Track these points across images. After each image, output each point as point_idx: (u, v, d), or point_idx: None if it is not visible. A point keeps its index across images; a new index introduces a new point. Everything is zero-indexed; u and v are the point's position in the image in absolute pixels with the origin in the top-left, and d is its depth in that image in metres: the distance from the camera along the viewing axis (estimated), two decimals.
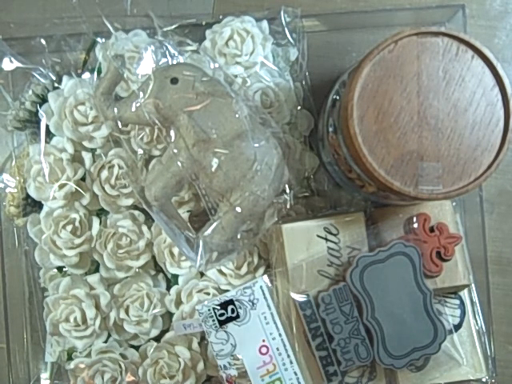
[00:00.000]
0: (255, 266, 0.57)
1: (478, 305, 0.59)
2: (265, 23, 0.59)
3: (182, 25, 0.58)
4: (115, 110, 0.50)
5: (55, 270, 0.59)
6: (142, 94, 0.49)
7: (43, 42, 0.59)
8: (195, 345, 0.58)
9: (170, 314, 0.58)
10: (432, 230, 0.54)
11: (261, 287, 0.55)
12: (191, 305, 0.56)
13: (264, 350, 0.55)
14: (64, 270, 0.58)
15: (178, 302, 0.58)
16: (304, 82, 0.60)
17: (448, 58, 0.47)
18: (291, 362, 0.54)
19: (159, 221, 0.52)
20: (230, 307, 0.55)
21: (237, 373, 0.55)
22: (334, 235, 0.54)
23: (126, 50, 0.56)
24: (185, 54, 0.54)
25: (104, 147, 0.57)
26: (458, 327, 0.57)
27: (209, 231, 0.51)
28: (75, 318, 0.56)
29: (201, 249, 0.51)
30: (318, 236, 0.54)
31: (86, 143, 0.57)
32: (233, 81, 0.55)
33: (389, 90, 0.47)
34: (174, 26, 0.58)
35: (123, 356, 0.58)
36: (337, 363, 0.53)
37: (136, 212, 0.58)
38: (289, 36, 0.59)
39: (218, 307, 0.54)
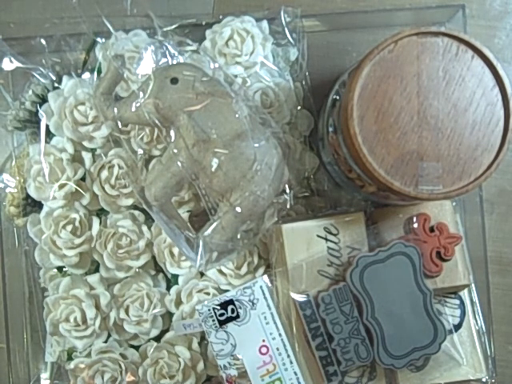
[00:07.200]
0: (255, 266, 0.57)
1: (478, 305, 0.59)
2: (265, 23, 0.59)
3: (182, 25, 0.58)
4: (115, 110, 0.50)
5: (55, 270, 0.59)
6: (141, 94, 0.49)
7: (43, 42, 0.59)
8: (195, 345, 0.58)
9: (170, 314, 0.58)
10: (432, 229, 0.54)
11: (261, 287, 0.55)
12: (191, 305, 0.56)
13: (264, 350, 0.55)
14: (64, 269, 0.58)
15: (178, 302, 0.58)
16: (304, 82, 0.60)
17: (448, 57, 0.47)
18: (291, 362, 0.54)
19: (159, 221, 0.52)
20: (230, 307, 0.55)
21: (237, 373, 0.55)
22: (334, 235, 0.54)
23: (126, 50, 0.56)
24: (185, 54, 0.54)
25: (104, 147, 0.57)
26: (458, 327, 0.57)
27: (209, 231, 0.51)
28: (75, 318, 0.56)
29: (201, 249, 0.51)
30: (318, 236, 0.54)
31: (85, 143, 0.57)
32: (233, 81, 0.55)
33: (389, 89, 0.47)
34: (174, 26, 0.58)
35: (123, 356, 0.58)
36: (337, 363, 0.53)
37: (136, 212, 0.58)
38: (289, 36, 0.59)
39: (218, 307, 0.54)
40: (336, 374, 0.53)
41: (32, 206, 0.59)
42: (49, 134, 0.58)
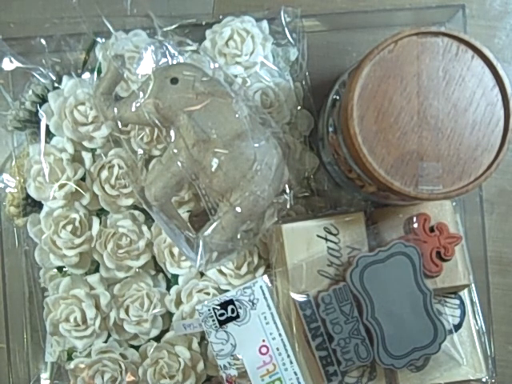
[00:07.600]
0: (255, 266, 0.57)
1: (478, 305, 0.59)
2: (265, 23, 0.59)
3: (182, 25, 0.58)
4: (115, 110, 0.50)
5: (55, 270, 0.59)
6: (141, 94, 0.49)
7: (43, 42, 0.59)
8: (195, 345, 0.58)
9: (170, 314, 0.58)
10: (432, 229, 0.54)
11: (261, 287, 0.55)
12: (191, 305, 0.56)
13: (264, 350, 0.55)
14: (64, 269, 0.58)
15: (178, 302, 0.58)
16: (304, 82, 0.60)
17: (448, 57, 0.47)
18: (291, 362, 0.54)
19: (159, 221, 0.52)
20: (230, 307, 0.55)
21: (237, 373, 0.55)
22: (334, 235, 0.54)
23: (126, 50, 0.56)
24: (185, 54, 0.54)
25: (104, 147, 0.57)
26: (458, 327, 0.57)
27: (209, 231, 0.51)
28: (75, 318, 0.56)
29: (201, 249, 0.51)
30: (318, 236, 0.54)
31: (85, 143, 0.57)
32: (233, 81, 0.55)
33: (389, 89, 0.47)
34: (174, 26, 0.58)
35: (123, 356, 0.58)
36: (337, 363, 0.53)
37: (136, 212, 0.58)
38: (289, 36, 0.59)
39: (218, 307, 0.54)
40: (336, 373, 0.53)
41: (32, 205, 0.59)
42: (49, 134, 0.58)
